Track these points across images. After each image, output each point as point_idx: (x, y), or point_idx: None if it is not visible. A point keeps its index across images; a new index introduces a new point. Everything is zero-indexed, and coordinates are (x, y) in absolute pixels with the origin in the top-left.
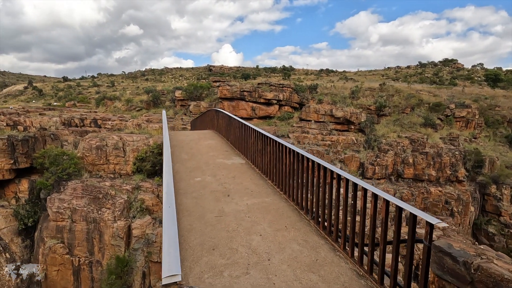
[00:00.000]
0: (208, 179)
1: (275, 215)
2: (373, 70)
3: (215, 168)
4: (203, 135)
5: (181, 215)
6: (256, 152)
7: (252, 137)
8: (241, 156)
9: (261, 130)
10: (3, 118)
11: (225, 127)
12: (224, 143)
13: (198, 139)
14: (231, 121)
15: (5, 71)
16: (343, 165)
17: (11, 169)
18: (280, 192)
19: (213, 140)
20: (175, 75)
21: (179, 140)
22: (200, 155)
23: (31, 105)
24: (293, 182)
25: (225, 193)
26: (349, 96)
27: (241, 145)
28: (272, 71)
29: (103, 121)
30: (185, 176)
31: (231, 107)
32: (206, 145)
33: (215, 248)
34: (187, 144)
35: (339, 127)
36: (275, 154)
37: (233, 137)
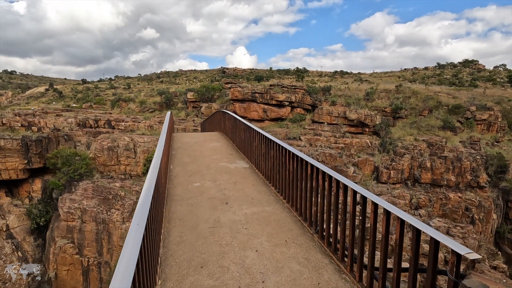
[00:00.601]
0: (208, 184)
1: (275, 227)
2: (389, 72)
3: (216, 173)
4: (209, 137)
5: (172, 225)
6: (260, 156)
7: (256, 139)
8: (245, 160)
9: (265, 132)
10: (18, 119)
11: (231, 129)
12: (229, 146)
13: (203, 141)
14: (237, 123)
15: (28, 74)
16: (356, 168)
17: (25, 169)
18: (283, 201)
19: (218, 142)
20: (189, 77)
21: (183, 142)
22: (202, 158)
23: (50, 107)
24: (297, 191)
25: (223, 201)
26: (363, 98)
27: (246, 148)
28: (286, 73)
29: (116, 122)
30: (184, 180)
31: (243, 108)
32: (211, 147)
33: (204, 266)
34: (191, 146)
35: (352, 129)
36: (279, 158)
37: (238, 139)
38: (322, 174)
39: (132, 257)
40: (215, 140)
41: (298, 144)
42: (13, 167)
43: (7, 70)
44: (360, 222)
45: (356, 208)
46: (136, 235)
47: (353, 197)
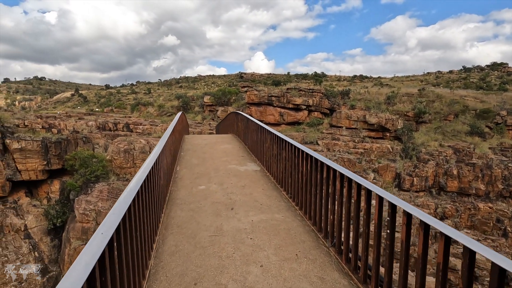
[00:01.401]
0: (214, 187)
1: (285, 238)
2: (410, 76)
3: (224, 175)
4: (221, 139)
5: (169, 232)
6: (272, 158)
7: (268, 140)
8: (256, 163)
9: (276, 132)
10: (40, 121)
11: (243, 130)
12: (241, 148)
13: (214, 143)
14: (249, 124)
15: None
16: (376, 175)
17: (44, 170)
18: (295, 207)
19: (230, 144)
20: (208, 82)
21: (194, 144)
22: (211, 160)
23: (73, 111)
24: (311, 196)
25: (228, 206)
26: (384, 102)
27: (258, 150)
28: (304, 78)
29: (134, 126)
30: (188, 183)
31: (259, 112)
32: (222, 149)
33: (198, 283)
34: (201, 148)
35: (372, 134)
36: (291, 160)
37: (250, 141)
38: (340, 177)
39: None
40: (227, 142)
41: (315, 149)
42: (33, 168)
43: (37, 77)
44: (388, 235)
45: (382, 218)
46: (90, 249)
47: (379, 205)
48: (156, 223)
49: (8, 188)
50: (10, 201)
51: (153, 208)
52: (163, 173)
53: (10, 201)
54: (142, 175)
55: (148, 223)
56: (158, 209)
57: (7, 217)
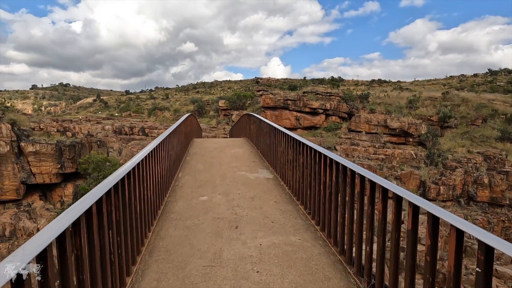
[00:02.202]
0: (217, 198)
1: (303, 272)
2: (432, 80)
3: (231, 184)
4: (232, 142)
5: (154, 259)
6: (287, 164)
7: (282, 143)
8: (269, 169)
9: (292, 133)
10: (55, 124)
11: (256, 133)
12: (253, 153)
13: (224, 147)
14: (261, 126)
15: (80, 86)
16: (399, 182)
17: (58, 173)
18: (315, 227)
19: (241, 148)
20: (224, 87)
21: (202, 147)
22: (219, 165)
23: (93, 115)
24: (337, 215)
25: (232, 223)
26: (405, 106)
27: (271, 155)
28: (320, 82)
29: (150, 130)
30: (189, 192)
31: (274, 116)
32: (232, 154)
33: None
34: (210, 152)
35: (394, 139)
36: (310, 167)
37: (263, 144)
38: (382, 192)
39: None
40: (238, 145)
41: None
42: (47, 171)
43: (62, 83)
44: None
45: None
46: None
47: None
48: (136, 248)
49: (22, 191)
50: (24, 204)
51: (130, 230)
52: (154, 181)
53: (24, 204)
54: (103, 187)
55: (121, 251)
56: (145, 226)
57: (20, 221)
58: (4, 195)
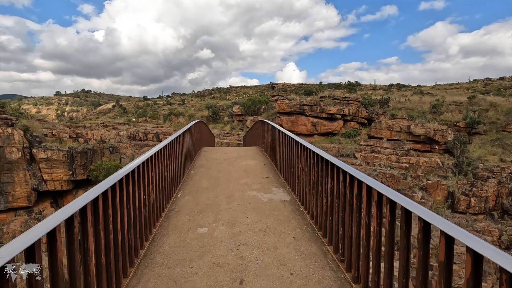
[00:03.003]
0: (220, 231)
1: None
2: (454, 83)
3: (239, 208)
4: (244, 152)
5: None
6: (308, 186)
7: (302, 159)
8: (285, 188)
9: (316, 148)
10: (68, 130)
11: (270, 143)
12: (266, 165)
13: (235, 158)
14: (276, 135)
15: (100, 93)
16: (425, 193)
17: (69, 180)
18: (353, 286)
19: (254, 160)
20: (239, 93)
21: (210, 158)
22: (227, 182)
23: (110, 120)
24: (391, 272)
25: (236, 275)
26: (429, 111)
27: (288, 170)
28: (336, 87)
29: (164, 135)
30: (186, 221)
31: (290, 122)
32: (243, 167)
33: None
34: (218, 164)
35: (418, 146)
36: (344, 197)
37: (278, 157)
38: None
39: None
40: (251, 156)
41: (352, 162)
42: (59, 178)
43: (84, 90)
44: None
45: None
46: None
47: None
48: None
49: (33, 198)
50: (35, 211)
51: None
52: (135, 213)
53: (35, 212)
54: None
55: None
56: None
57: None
58: (16, 202)
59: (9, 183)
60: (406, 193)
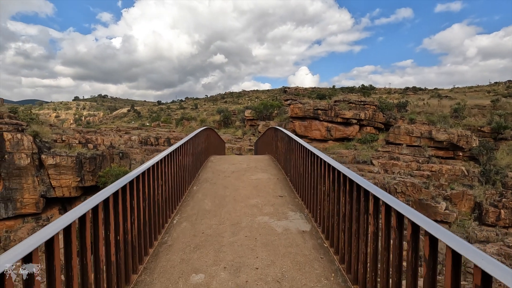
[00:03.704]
0: (220, 280)
1: None
2: (474, 86)
3: (246, 242)
4: (255, 163)
5: None
6: (336, 217)
7: (327, 181)
8: (303, 212)
9: (350, 172)
10: (77, 136)
11: (284, 154)
12: (280, 180)
13: (245, 170)
14: (292, 145)
15: (116, 97)
16: (449, 204)
17: (78, 187)
18: None
19: (265, 173)
20: (252, 97)
21: (217, 170)
22: (234, 202)
23: (123, 125)
24: None
25: None
26: (450, 115)
27: (306, 189)
28: (350, 91)
29: (175, 140)
30: (177, 261)
31: (303, 127)
32: (253, 182)
33: None
34: (225, 178)
35: (441, 153)
36: (396, 243)
37: (294, 171)
38: None
39: None
40: (262, 168)
41: (370, 170)
42: (67, 184)
43: (101, 95)
44: None
45: None
46: None
47: None
48: None
49: (41, 204)
50: (43, 218)
51: None
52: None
53: (44, 218)
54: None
55: None
56: None
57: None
58: (24, 208)
59: (18, 190)
60: (428, 204)
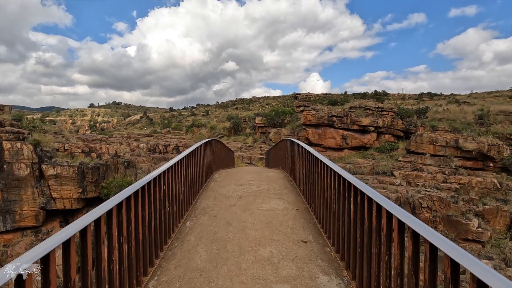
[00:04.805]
0: None
1: None
2: (494, 91)
3: None
4: (267, 183)
5: None
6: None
7: (387, 231)
8: (341, 274)
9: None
10: (81, 144)
11: (304, 175)
12: (301, 212)
13: (255, 195)
14: (316, 166)
15: (130, 104)
16: (481, 220)
17: (80, 198)
18: None
19: (280, 199)
20: (262, 103)
21: (221, 195)
22: (238, 255)
23: (134, 132)
24: None
25: None
26: (475, 122)
27: (342, 233)
28: (362, 97)
29: (184, 148)
30: None
31: (317, 135)
32: (265, 215)
33: None
34: (229, 208)
35: (469, 163)
36: None
37: (320, 203)
38: None
39: None
40: (276, 192)
41: (391, 182)
42: (68, 196)
43: (115, 102)
44: None
45: None
46: None
47: None
48: None
49: (41, 217)
50: (43, 231)
51: None
52: None
53: (43, 232)
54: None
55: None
56: None
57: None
58: (23, 221)
59: (17, 201)
60: (458, 220)
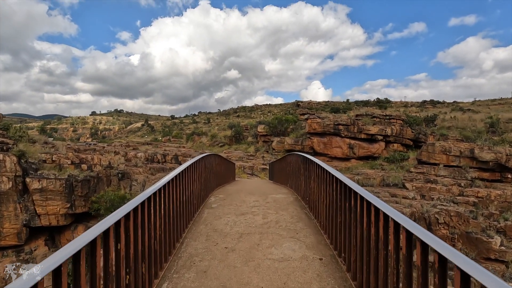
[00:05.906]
0: None
1: None
2: (497, 99)
3: None
4: (275, 214)
5: None
6: None
7: None
8: None
9: None
10: (70, 155)
11: (328, 206)
12: (327, 265)
13: (260, 232)
14: (343, 193)
15: (132, 112)
16: (504, 238)
17: (67, 214)
18: None
19: (295, 240)
20: (264, 111)
21: (216, 230)
22: None
23: (133, 140)
24: None
25: None
26: (486, 130)
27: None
28: (365, 104)
29: (183, 158)
30: None
31: (322, 144)
32: (277, 271)
33: None
34: (226, 256)
35: (486, 175)
36: None
37: (358, 253)
38: None
39: None
40: (288, 227)
41: (404, 195)
42: (54, 211)
43: (117, 109)
44: None
45: None
46: None
47: None
48: None
49: (24, 235)
50: (26, 250)
51: None
52: None
53: (27, 251)
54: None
55: None
56: None
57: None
58: (3, 240)
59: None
60: (479, 238)
